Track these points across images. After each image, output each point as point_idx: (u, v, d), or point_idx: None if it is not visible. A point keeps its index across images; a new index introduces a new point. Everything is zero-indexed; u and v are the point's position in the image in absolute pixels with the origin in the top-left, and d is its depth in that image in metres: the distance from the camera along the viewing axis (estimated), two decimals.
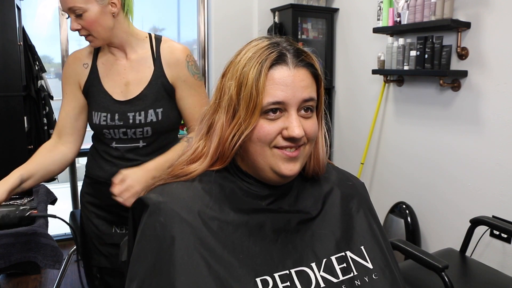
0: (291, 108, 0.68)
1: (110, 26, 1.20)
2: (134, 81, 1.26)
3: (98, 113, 1.27)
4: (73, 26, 1.18)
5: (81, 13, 1.15)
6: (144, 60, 1.26)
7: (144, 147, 1.28)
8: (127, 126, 1.25)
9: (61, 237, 3.05)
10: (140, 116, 1.24)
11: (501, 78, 2.12)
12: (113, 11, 1.20)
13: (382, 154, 2.93)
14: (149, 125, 1.24)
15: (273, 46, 0.69)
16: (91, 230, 1.36)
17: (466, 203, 2.33)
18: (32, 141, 2.70)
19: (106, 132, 1.27)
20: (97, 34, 1.19)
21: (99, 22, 1.17)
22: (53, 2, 3.03)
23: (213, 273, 0.62)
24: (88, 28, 1.17)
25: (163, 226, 0.66)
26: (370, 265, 0.73)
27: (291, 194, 0.76)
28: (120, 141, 1.28)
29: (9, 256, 1.57)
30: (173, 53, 1.26)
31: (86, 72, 1.30)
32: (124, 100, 1.25)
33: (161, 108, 1.25)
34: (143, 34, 1.30)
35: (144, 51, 1.27)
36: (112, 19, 1.20)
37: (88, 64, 1.30)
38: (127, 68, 1.27)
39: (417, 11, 2.35)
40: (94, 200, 1.35)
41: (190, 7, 3.38)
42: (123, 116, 1.24)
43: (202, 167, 0.73)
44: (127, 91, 1.26)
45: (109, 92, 1.27)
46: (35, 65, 2.71)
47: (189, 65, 1.27)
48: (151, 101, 1.24)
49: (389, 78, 2.76)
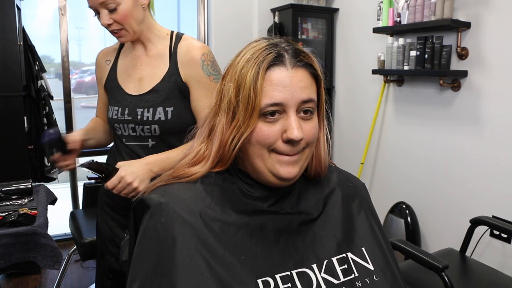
0: (290, 109, 0.67)
1: (141, 18, 1.20)
2: (148, 77, 1.25)
3: (112, 107, 1.28)
4: (104, 21, 1.16)
5: (115, 6, 1.14)
6: (161, 56, 1.25)
7: (153, 146, 1.25)
8: (135, 122, 1.23)
9: (61, 237, 3.05)
10: (149, 113, 1.21)
11: (501, 78, 2.12)
12: (143, 3, 1.20)
13: (382, 154, 2.93)
14: (156, 123, 1.21)
15: (271, 47, 0.69)
16: (105, 231, 1.35)
17: (466, 203, 2.33)
18: (32, 141, 2.70)
19: (117, 126, 1.27)
20: (129, 28, 1.19)
21: (132, 15, 1.17)
22: (53, 2, 3.02)
23: (214, 274, 0.62)
24: (121, 21, 1.17)
25: (165, 227, 0.66)
26: (371, 266, 0.73)
27: (292, 195, 0.76)
28: (130, 138, 1.27)
29: (9, 256, 1.57)
30: (189, 51, 1.23)
31: (107, 68, 1.32)
32: (135, 94, 1.25)
33: (172, 107, 1.21)
34: (165, 31, 1.29)
35: (162, 48, 1.26)
36: (142, 12, 1.20)
37: (111, 61, 1.32)
38: (143, 63, 1.27)
39: (417, 11, 2.35)
40: (109, 201, 1.33)
41: (190, 7, 3.38)
42: (132, 111, 1.23)
43: (203, 170, 0.73)
44: (140, 86, 1.25)
45: (122, 86, 1.27)
46: (35, 65, 2.71)
47: (204, 65, 1.22)
48: (162, 98, 1.22)
49: (389, 78, 2.76)
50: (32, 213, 1.70)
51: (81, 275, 2.65)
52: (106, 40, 1.29)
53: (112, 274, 1.38)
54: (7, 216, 1.63)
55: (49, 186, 2.21)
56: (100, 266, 1.45)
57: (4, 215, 1.65)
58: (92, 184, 2.49)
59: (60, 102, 3.05)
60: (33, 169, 2.72)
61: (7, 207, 1.77)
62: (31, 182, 1.97)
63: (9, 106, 2.43)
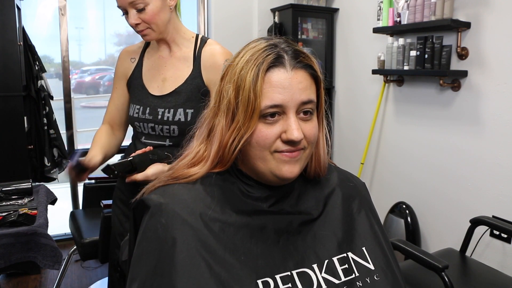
0: (290, 111, 0.67)
1: (167, 19, 1.23)
2: (171, 78, 1.27)
3: (134, 105, 1.31)
4: (132, 20, 1.18)
5: (143, 6, 1.16)
6: (185, 59, 1.28)
7: (170, 146, 1.27)
8: (155, 121, 1.26)
9: (61, 237, 3.05)
10: (169, 113, 1.24)
11: (501, 78, 2.12)
12: (170, 4, 1.22)
13: (382, 154, 2.93)
14: (176, 124, 1.24)
15: (270, 48, 0.69)
16: (116, 225, 1.39)
17: (466, 203, 2.33)
18: (32, 141, 2.70)
19: (137, 125, 1.30)
20: (156, 27, 1.21)
21: (160, 15, 1.19)
22: (53, 2, 3.02)
23: (214, 275, 0.62)
24: (149, 21, 1.19)
25: (165, 227, 0.66)
26: (372, 266, 0.73)
27: (292, 196, 0.76)
28: (148, 136, 1.30)
29: (9, 256, 1.57)
30: (213, 56, 1.26)
31: (132, 66, 1.34)
32: (158, 95, 1.27)
33: (192, 109, 1.24)
34: (190, 34, 1.32)
35: (187, 50, 1.28)
36: (169, 13, 1.23)
37: (136, 59, 1.34)
38: (167, 64, 1.29)
39: (417, 11, 2.35)
40: (123, 196, 1.38)
41: (190, 7, 3.38)
42: (154, 111, 1.26)
43: (203, 171, 0.73)
44: (163, 86, 1.27)
45: (146, 86, 1.30)
46: (35, 65, 2.71)
47: None
48: (183, 100, 1.24)
49: (389, 78, 2.76)
50: (32, 213, 1.70)
51: (81, 275, 2.65)
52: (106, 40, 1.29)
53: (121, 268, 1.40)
54: (7, 216, 1.63)
55: (49, 186, 2.21)
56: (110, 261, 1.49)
57: (4, 215, 1.65)
58: (92, 184, 2.48)
59: (60, 102, 3.05)
60: (33, 169, 2.72)
61: (7, 207, 1.77)
62: (31, 182, 1.97)
63: (9, 106, 2.43)
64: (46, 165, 2.76)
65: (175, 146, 1.26)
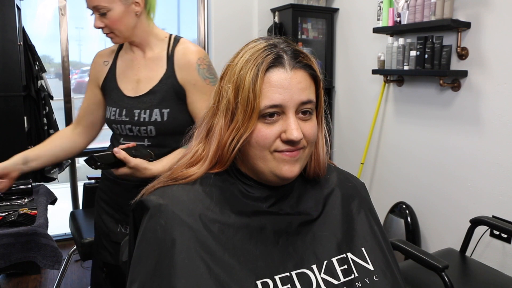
0: (289, 110, 0.68)
1: (132, 25, 1.23)
2: (145, 79, 1.28)
3: (110, 107, 1.31)
4: (96, 24, 1.20)
5: (105, 12, 1.17)
6: (159, 59, 1.28)
7: (149, 146, 1.28)
8: (132, 122, 1.26)
9: (61, 237, 3.05)
10: (145, 114, 1.24)
11: (501, 78, 2.12)
12: (136, 11, 1.22)
13: (382, 154, 2.93)
14: (152, 124, 1.24)
15: (270, 48, 0.69)
16: (100, 226, 1.39)
17: (466, 203, 2.33)
18: (32, 141, 2.70)
19: (115, 127, 1.30)
20: (119, 33, 1.22)
21: (122, 21, 1.20)
22: (53, 2, 3.03)
23: (213, 276, 0.62)
24: (111, 26, 1.20)
25: (164, 228, 0.66)
26: (371, 267, 0.73)
27: (292, 196, 0.76)
28: (127, 137, 1.30)
29: (9, 256, 1.57)
30: (185, 55, 1.26)
31: (105, 69, 1.34)
32: (133, 96, 1.27)
33: (168, 109, 1.25)
34: (163, 34, 1.32)
35: (160, 51, 1.29)
36: (135, 18, 1.23)
37: (109, 62, 1.34)
38: (141, 65, 1.30)
39: (417, 11, 2.35)
40: (105, 196, 1.38)
41: (190, 7, 3.38)
42: (130, 112, 1.26)
43: (201, 171, 0.73)
44: (137, 87, 1.28)
45: (120, 88, 1.30)
46: (35, 65, 2.71)
47: (200, 69, 1.26)
48: (158, 100, 1.25)
49: (389, 78, 2.76)
50: (32, 213, 1.70)
51: (81, 275, 2.65)
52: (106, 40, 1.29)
53: (106, 268, 1.40)
54: (7, 216, 1.63)
55: (49, 186, 2.21)
56: (95, 260, 1.49)
57: (4, 215, 1.65)
58: (92, 184, 2.48)
59: (60, 102, 3.05)
60: None
61: (7, 207, 1.78)
62: (31, 182, 1.97)
63: (9, 106, 2.43)
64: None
65: (154, 146, 1.27)
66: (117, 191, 1.32)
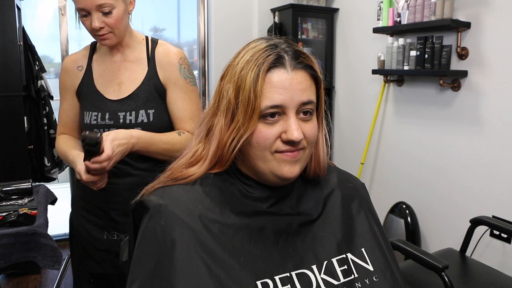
0: (290, 111, 0.68)
1: (126, 25, 1.24)
2: (127, 81, 1.26)
3: (89, 112, 1.26)
4: (96, 24, 1.16)
5: (110, 10, 1.16)
6: (139, 61, 1.28)
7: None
8: (117, 126, 1.23)
9: (61, 237, 3.04)
10: (131, 116, 1.23)
11: (501, 78, 2.12)
12: (129, 9, 1.23)
13: (382, 154, 2.93)
14: (139, 125, 1.23)
15: (271, 48, 0.69)
16: (82, 236, 1.33)
17: (466, 203, 2.33)
18: (32, 141, 2.70)
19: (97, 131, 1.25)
20: (118, 32, 1.21)
21: (122, 20, 1.20)
22: (53, 2, 3.03)
23: (213, 277, 0.62)
24: (113, 25, 1.18)
25: (164, 229, 0.66)
26: (371, 267, 0.73)
27: (292, 196, 0.76)
28: None
29: (9, 256, 1.57)
30: (167, 55, 1.27)
31: (80, 74, 1.30)
32: (116, 99, 1.25)
33: (153, 110, 1.24)
34: (141, 36, 1.32)
35: (140, 52, 1.29)
36: (127, 17, 1.23)
37: (83, 66, 1.31)
38: (121, 68, 1.28)
39: (417, 11, 2.35)
40: (85, 204, 1.33)
41: (190, 7, 3.38)
42: (114, 115, 1.24)
43: (201, 171, 0.73)
44: (120, 90, 1.26)
45: (101, 92, 1.27)
46: (35, 65, 2.71)
47: (181, 68, 1.27)
48: (142, 101, 1.24)
49: (389, 78, 2.76)
50: (32, 213, 1.70)
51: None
52: None
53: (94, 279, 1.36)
54: (7, 216, 1.63)
55: (49, 186, 2.21)
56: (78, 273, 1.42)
57: (4, 215, 1.65)
58: None
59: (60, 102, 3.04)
60: (33, 169, 2.72)
61: (7, 207, 1.77)
62: (31, 182, 1.97)
63: (9, 106, 2.43)
64: (46, 165, 2.76)
65: None
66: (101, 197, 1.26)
